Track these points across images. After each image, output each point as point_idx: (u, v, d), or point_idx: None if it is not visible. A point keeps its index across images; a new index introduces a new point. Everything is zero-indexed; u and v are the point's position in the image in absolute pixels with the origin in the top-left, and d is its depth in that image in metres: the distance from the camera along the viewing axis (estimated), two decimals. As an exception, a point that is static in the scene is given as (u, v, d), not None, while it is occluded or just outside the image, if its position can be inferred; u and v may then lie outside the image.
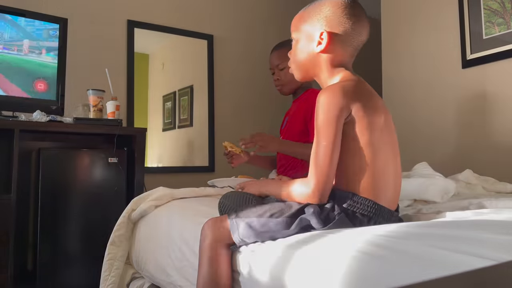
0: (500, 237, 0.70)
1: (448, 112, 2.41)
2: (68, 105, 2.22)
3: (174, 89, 2.86)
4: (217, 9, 3.02)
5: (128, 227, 1.60)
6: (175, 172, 2.75)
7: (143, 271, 1.50)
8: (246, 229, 0.96)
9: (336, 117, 0.92)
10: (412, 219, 1.11)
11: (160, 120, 2.81)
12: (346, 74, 1.02)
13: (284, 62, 1.73)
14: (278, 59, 1.77)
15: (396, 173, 1.00)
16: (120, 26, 2.62)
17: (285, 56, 1.74)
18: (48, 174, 1.90)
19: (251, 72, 3.09)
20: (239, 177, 1.85)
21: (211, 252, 1.00)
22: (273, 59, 1.81)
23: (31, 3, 2.24)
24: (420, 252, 0.69)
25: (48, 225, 1.88)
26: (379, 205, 0.94)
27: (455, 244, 0.68)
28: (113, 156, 2.04)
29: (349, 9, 1.02)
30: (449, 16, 2.41)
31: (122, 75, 2.59)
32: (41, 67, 2.05)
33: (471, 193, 1.66)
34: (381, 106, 1.00)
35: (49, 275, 1.87)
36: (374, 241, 0.76)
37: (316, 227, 0.91)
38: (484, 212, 1.07)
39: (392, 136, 1.01)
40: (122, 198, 2.05)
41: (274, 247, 0.92)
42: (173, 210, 1.48)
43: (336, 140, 0.92)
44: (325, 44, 1.01)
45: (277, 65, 1.78)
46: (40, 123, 1.87)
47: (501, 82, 2.17)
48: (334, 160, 0.92)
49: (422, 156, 2.22)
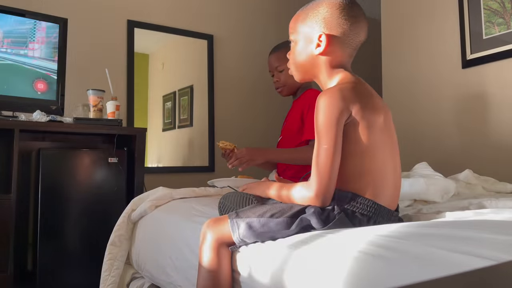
0: (500, 237, 0.70)
1: (448, 112, 2.41)
2: (68, 105, 2.22)
3: (174, 89, 2.86)
4: (217, 9, 3.02)
5: (128, 227, 1.60)
6: (175, 172, 2.75)
7: (143, 271, 1.50)
8: (246, 229, 0.96)
9: (336, 120, 0.92)
10: (412, 219, 1.11)
11: (160, 120, 2.81)
12: (345, 75, 1.02)
13: (283, 64, 1.73)
14: (277, 61, 1.77)
15: (396, 173, 1.00)
16: (120, 26, 2.62)
17: (283, 58, 1.74)
18: (48, 174, 1.90)
19: (251, 72, 3.09)
20: (239, 177, 1.85)
21: (211, 252, 1.00)
22: (272, 61, 1.80)
23: (31, 3, 2.24)
24: (420, 252, 0.69)
25: (48, 225, 1.88)
26: (378, 204, 0.94)
27: (455, 244, 0.68)
28: (113, 156, 2.04)
29: (347, 10, 1.01)
30: (449, 16, 2.41)
31: (122, 75, 2.59)
32: (41, 67, 2.05)
33: (471, 193, 1.66)
34: (380, 106, 1.00)
35: (49, 275, 1.87)
36: (374, 241, 0.76)
37: (316, 227, 0.91)
38: (484, 212, 1.07)
39: (392, 136, 1.01)
40: (122, 198, 2.05)
41: (274, 247, 0.92)
42: (173, 210, 1.48)
43: (337, 142, 0.92)
44: (324, 46, 1.01)
45: (276, 67, 1.78)
46: (40, 123, 1.87)
47: (501, 82, 2.17)
48: (336, 162, 0.92)
49: (422, 156, 2.22)
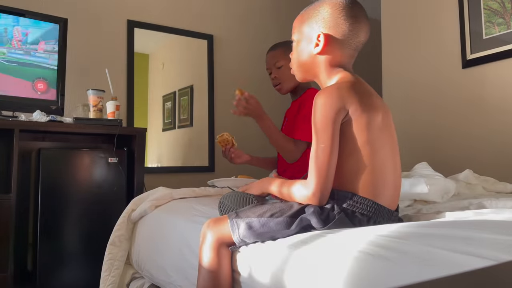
0: (500, 237, 0.70)
1: (448, 112, 2.41)
2: (68, 105, 2.23)
3: (174, 89, 2.86)
4: (217, 9, 3.01)
5: (128, 227, 1.60)
6: (175, 172, 2.75)
7: (143, 271, 1.50)
8: (246, 229, 0.96)
9: (333, 119, 0.93)
10: (412, 219, 1.11)
11: (160, 120, 2.81)
12: (344, 75, 1.02)
13: (280, 61, 1.74)
14: (275, 58, 1.78)
15: (395, 173, 1.00)
16: (120, 26, 2.62)
17: (281, 55, 1.75)
18: (48, 174, 1.90)
19: (251, 72, 3.09)
20: (239, 177, 1.85)
21: (211, 252, 1.00)
22: (270, 59, 1.81)
23: (31, 3, 2.24)
24: (420, 252, 0.69)
25: (48, 225, 1.88)
26: (378, 204, 0.94)
27: (455, 244, 0.68)
28: (113, 156, 2.04)
29: (347, 10, 1.01)
30: (449, 16, 2.41)
31: (122, 75, 2.59)
32: (41, 67, 2.04)
33: (471, 193, 1.66)
34: (379, 105, 0.99)
35: (49, 275, 1.87)
36: (374, 241, 0.76)
37: (316, 227, 0.91)
38: (484, 212, 1.07)
39: (391, 135, 1.01)
40: (122, 198, 2.05)
41: (274, 247, 0.92)
42: (173, 210, 1.48)
43: (334, 141, 0.93)
44: (322, 45, 1.02)
45: (274, 64, 1.79)
46: (40, 123, 1.87)
47: (501, 82, 2.17)
48: (333, 161, 0.93)
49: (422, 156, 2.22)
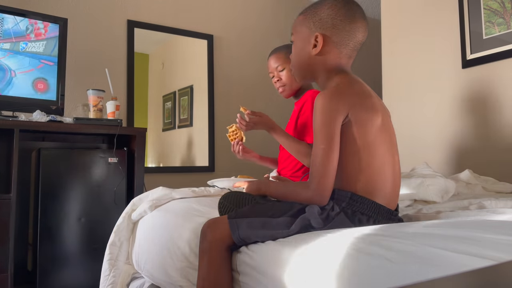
0: (500, 237, 0.70)
1: (448, 112, 2.41)
2: (68, 105, 2.23)
3: (174, 89, 2.86)
4: (217, 9, 3.02)
5: (128, 227, 1.60)
6: (175, 172, 2.75)
7: (143, 271, 1.50)
8: (246, 229, 0.96)
9: (333, 120, 0.93)
10: (412, 219, 1.11)
11: (160, 120, 2.81)
12: (343, 76, 1.02)
13: (283, 64, 1.74)
14: (277, 61, 1.78)
15: (395, 173, 1.00)
16: (120, 26, 2.62)
17: (283, 58, 1.75)
18: (48, 174, 1.90)
19: (251, 72, 3.09)
20: (239, 177, 1.85)
21: (211, 252, 1.00)
22: (272, 62, 1.81)
23: (31, 3, 2.25)
24: (420, 252, 0.69)
25: (48, 225, 1.88)
26: (378, 204, 0.94)
27: (455, 244, 0.68)
28: (113, 156, 2.04)
29: (343, 10, 1.02)
30: (449, 16, 2.41)
31: (122, 75, 2.59)
32: (41, 67, 2.04)
33: (471, 193, 1.66)
34: (378, 106, 1.00)
35: (49, 275, 1.87)
36: (374, 241, 0.76)
37: (316, 227, 0.91)
38: (484, 212, 1.07)
39: (391, 136, 1.01)
40: (122, 198, 2.05)
41: (274, 247, 0.91)
42: (173, 210, 1.48)
43: (334, 142, 0.93)
44: (320, 46, 1.02)
45: (276, 67, 1.79)
46: (40, 123, 1.87)
47: (501, 82, 2.17)
48: (333, 162, 0.93)
49: (422, 156, 2.22)
